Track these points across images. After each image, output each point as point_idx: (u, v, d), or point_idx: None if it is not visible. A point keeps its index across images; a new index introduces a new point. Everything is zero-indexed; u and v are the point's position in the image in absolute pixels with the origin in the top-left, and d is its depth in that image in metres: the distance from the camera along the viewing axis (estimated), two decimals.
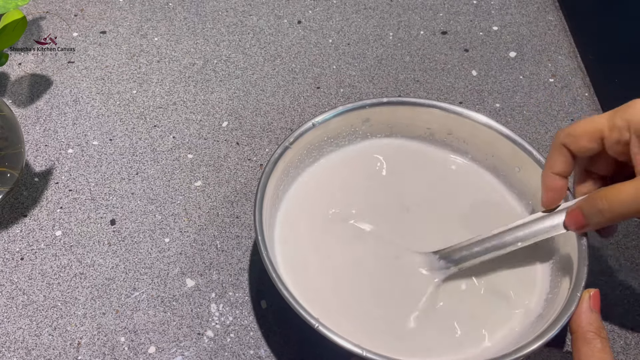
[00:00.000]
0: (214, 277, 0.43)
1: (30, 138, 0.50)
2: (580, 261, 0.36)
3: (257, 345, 0.40)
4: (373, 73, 0.56)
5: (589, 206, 0.35)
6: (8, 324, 0.40)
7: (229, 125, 0.51)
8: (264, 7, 0.61)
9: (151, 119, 0.51)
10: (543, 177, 0.38)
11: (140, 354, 0.39)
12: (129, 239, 0.44)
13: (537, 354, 0.37)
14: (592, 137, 0.35)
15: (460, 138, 0.45)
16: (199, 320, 0.41)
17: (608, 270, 0.44)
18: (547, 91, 0.55)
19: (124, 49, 0.57)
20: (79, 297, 0.41)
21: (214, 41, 0.58)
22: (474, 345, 0.37)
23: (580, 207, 0.35)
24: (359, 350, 0.33)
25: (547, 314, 0.36)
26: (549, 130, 0.52)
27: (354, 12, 0.61)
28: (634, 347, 0.40)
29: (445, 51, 0.58)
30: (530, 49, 0.59)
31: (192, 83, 0.54)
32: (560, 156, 0.37)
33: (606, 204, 0.33)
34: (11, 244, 0.44)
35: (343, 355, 0.33)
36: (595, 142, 0.35)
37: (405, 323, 0.38)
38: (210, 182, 0.48)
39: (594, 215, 0.34)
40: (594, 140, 0.35)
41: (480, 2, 0.63)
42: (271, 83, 0.55)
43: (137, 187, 0.47)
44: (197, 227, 0.45)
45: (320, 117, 0.43)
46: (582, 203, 0.35)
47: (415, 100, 0.44)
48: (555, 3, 0.63)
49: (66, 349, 0.39)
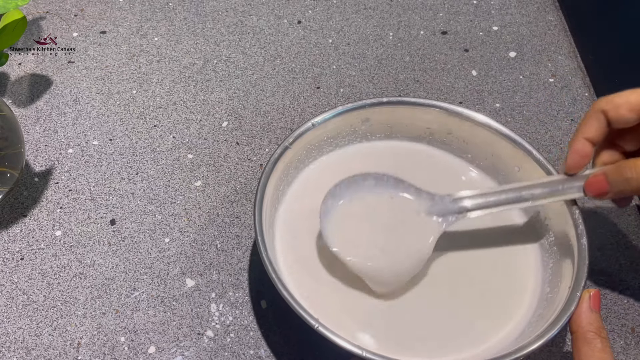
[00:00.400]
0: (214, 277, 0.43)
1: (30, 138, 0.50)
2: (580, 261, 0.36)
3: (257, 345, 0.40)
4: (373, 73, 0.56)
5: (616, 174, 0.35)
6: (8, 324, 0.40)
7: (229, 125, 0.51)
8: (264, 7, 0.61)
9: (151, 119, 0.51)
10: (572, 140, 0.38)
11: (140, 354, 0.39)
12: (129, 239, 0.44)
13: (537, 354, 0.37)
14: (632, 107, 0.35)
15: (460, 138, 0.45)
16: (199, 320, 0.41)
17: (608, 270, 0.44)
18: (547, 91, 0.55)
19: (124, 49, 0.57)
20: (79, 297, 0.41)
21: (214, 41, 0.58)
22: (474, 345, 0.37)
23: (606, 173, 0.36)
24: (359, 350, 0.33)
25: (547, 314, 0.36)
26: (549, 130, 0.52)
27: (354, 12, 0.61)
28: (634, 347, 0.40)
29: (445, 51, 0.58)
30: (530, 49, 0.59)
31: (192, 83, 0.54)
32: (596, 122, 0.37)
33: (635, 173, 0.34)
34: (11, 244, 0.44)
35: (343, 356, 0.33)
36: (636, 113, 0.35)
37: (407, 325, 0.38)
38: (210, 182, 0.48)
39: (619, 183, 0.35)
40: (635, 111, 0.35)
41: (480, 2, 0.63)
42: (271, 83, 0.55)
43: (137, 187, 0.47)
44: (197, 227, 0.45)
45: (320, 117, 0.43)
46: (607, 169, 0.36)
47: (415, 100, 0.44)
48: (555, 3, 0.63)
49: (66, 349, 0.39)
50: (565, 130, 0.52)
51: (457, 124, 0.44)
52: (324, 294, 0.39)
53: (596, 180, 0.36)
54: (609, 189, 0.36)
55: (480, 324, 0.38)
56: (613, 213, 0.47)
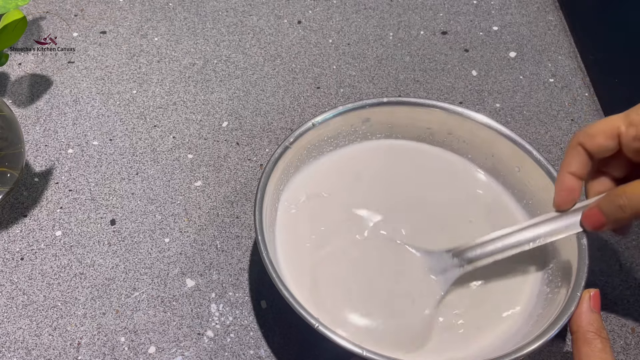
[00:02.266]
0: (214, 277, 0.43)
1: (30, 138, 0.50)
2: (580, 261, 0.36)
3: (257, 345, 0.40)
4: (373, 73, 0.56)
5: (609, 203, 0.35)
6: (8, 324, 0.40)
7: (229, 125, 0.51)
8: (264, 7, 0.61)
9: (151, 119, 0.51)
10: (558, 177, 0.38)
11: (140, 354, 0.39)
12: (129, 239, 0.44)
13: (537, 354, 0.37)
14: (608, 135, 0.35)
15: (460, 138, 0.45)
16: (199, 320, 0.41)
17: (608, 270, 0.44)
18: (547, 91, 0.55)
19: (124, 49, 0.57)
20: (79, 297, 0.41)
21: (214, 41, 0.58)
22: (474, 345, 0.37)
23: (599, 205, 0.35)
24: (359, 350, 0.33)
25: (547, 314, 0.36)
26: (549, 130, 0.52)
27: (354, 12, 0.61)
28: (634, 347, 0.40)
29: (445, 51, 0.58)
30: (530, 49, 0.59)
31: (192, 83, 0.54)
32: (577, 156, 0.37)
33: (626, 200, 0.33)
34: (11, 244, 0.44)
35: (343, 355, 0.33)
36: (611, 139, 0.35)
37: (408, 323, 0.38)
38: (210, 182, 0.48)
39: (613, 212, 0.34)
40: (611, 138, 0.35)
41: (480, 2, 0.63)
42: (271, 83, 0.55)
43: (137, 187, 0.47)
44: (197, 227, 0.45)
45: (320, 117, 0.43)
46: (600, 201, 0.35)
47: (415, 100, 0.44)
48: (555, 3, 0.63)
49: (66, 349, 0.39)
50: (565, 130, 0.52)
51: (457, 124, 0.44)
52: (324, 294, 0.38)
53: (591, 213, 0.36)
54: (606, 220, 0.35)
55: (479, 324, 0.38)
56: None
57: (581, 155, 0.37)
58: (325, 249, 0.40)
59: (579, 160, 0.37)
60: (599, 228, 0.36)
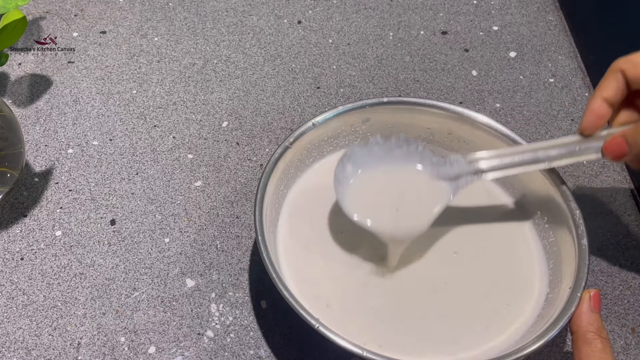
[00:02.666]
0: (214, 277, 0.43)
1: (30, 138, 0.50)
2: (580, 261, 0.36)
3: (257, 345, 0.40)
4: (373, 73, 0.56)
5: (636, 135, 0.34)
6: (8, 324, 0.40)
7: (229, 125, 0.51)
8: (264, 7, 0.61)
9: (151, 119, 0.51)
10: (590, 100, 0.37)
11: (140, 354, 0.39)
12: (129, 239, 0.44)
13: (537, 354, 0.37)
14: None
15: (460, 138, 0.45)
16: (199, 320, 0.41)
17: (608, 270, 0.44)
18: (547, 91, 0.55)
19: (124, 49, 0.57)
20: (79, 297, 0.41)
21: (214, 41, 0.58)
22: (474, 345, 0.37)
23: (625, 134, 0.35)
24: (359, 350, 0.33)
25: (547, 314, 0.36)
26: (549, 130, 0.52)
27: (354, 12, 0.61)
28: (634, 347, 0.40)
29: (445, 51, 0.58)
30: (530, 49, 0.59)
31: (192, 83, 0.54)
32: (614, 82, 0.36)
33: None
34: (11, 244, 0.44)
35: (343, 356, 0.33)
36: None
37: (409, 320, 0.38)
38: (210, 182, 0.48)
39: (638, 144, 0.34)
40: None
41: (480, 2, 0.63)
42: (271, 83, 0.55)
43: (137, 187, 0.47)
44: (197, 227, 0.45)
45: (321, 117, 0.43)
46: (627, 131, 0.35)
47: (415, 100, 0.44)
48: (555, 3, 0.63)
49: (66, 349, 0.39)
50: (565, 130, 0.52)
51: (457, 124, 0.44)
52: (325, 294, 0.38)
53: (615, 142, 0.35)
54: (628, 151, 0.35)
55: (480, 324, 0.38)
56: (613, 213, 0.47)
57: (619, 82, 0.36)
58: (326, 248, 0.40)
59: (616, 87, 0.36)
60: (619, 158, 0.35)
